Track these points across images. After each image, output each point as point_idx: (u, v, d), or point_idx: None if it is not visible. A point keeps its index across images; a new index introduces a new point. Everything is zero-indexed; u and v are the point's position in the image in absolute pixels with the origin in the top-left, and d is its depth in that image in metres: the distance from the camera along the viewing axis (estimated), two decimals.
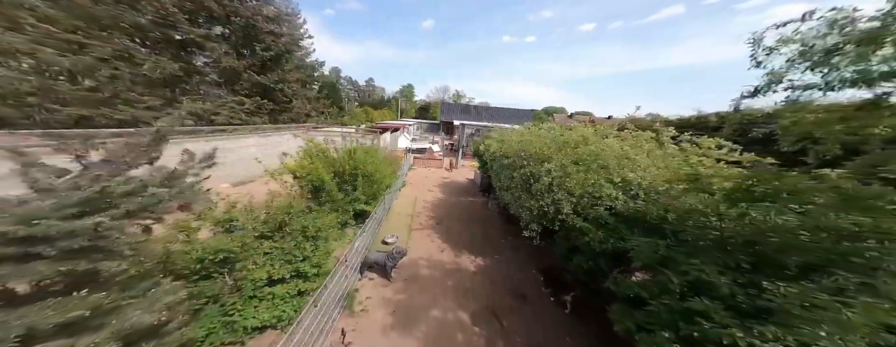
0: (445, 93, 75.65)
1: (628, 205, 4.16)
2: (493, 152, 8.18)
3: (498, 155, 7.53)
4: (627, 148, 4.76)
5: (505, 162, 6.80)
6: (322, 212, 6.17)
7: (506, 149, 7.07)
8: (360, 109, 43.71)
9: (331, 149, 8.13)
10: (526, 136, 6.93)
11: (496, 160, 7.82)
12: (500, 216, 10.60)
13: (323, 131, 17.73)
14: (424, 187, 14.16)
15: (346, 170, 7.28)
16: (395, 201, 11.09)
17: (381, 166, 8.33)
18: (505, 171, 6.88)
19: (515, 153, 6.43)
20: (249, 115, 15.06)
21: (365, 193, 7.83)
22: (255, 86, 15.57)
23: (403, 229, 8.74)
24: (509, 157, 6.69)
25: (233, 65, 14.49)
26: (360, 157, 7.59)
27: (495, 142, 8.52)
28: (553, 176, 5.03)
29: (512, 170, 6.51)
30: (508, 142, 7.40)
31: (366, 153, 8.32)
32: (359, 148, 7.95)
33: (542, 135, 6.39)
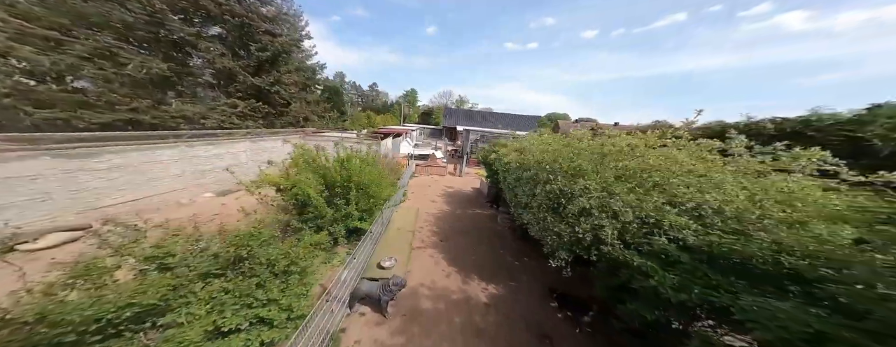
0: (448, 98, 75.17)
1: (706, 239, 3.07)
2: (506, 162, 7.12)
3: (513, 166, 6.47)
4: (693, 161, 3.69)
5: (524, 174, 5.74)
6: (303, 235, 5.14)
7: (525, 160, 6.01)
8: (362, 113, 43.01)
9: (322, 156, 7.14)
10: (552, 145, 5.86)
11: (511, 172, 6.76)
12: (512, 232, 9.49)
13: (321, 136, 16.81)
14: (427, 197, 13.11)
15: (337, 182, 6.26)
16: (395, 214, 10.04)
17: (379, 177, 7.30)
18: (524, 186, 5.81)
19: (538, 164, 5.37)
20: (242, 119, 14.14)
21: (359, 208, 6.79)
22: (250, 89, 14.71)
23: (403, 248, 7.66)
24: (530, 169, 5.63)
25: (227, 66, 13.65)
26: (355, 167, 6.57)
27: (511, 151, 7.47)
28: (592, 195, 3.96)
29: (533, 184, 5.45)
30: (529, 151, 6.34)
31: (362, 162, 7.33)
32: (353, 156, 6.93)
33: (574, 144, 5.31)
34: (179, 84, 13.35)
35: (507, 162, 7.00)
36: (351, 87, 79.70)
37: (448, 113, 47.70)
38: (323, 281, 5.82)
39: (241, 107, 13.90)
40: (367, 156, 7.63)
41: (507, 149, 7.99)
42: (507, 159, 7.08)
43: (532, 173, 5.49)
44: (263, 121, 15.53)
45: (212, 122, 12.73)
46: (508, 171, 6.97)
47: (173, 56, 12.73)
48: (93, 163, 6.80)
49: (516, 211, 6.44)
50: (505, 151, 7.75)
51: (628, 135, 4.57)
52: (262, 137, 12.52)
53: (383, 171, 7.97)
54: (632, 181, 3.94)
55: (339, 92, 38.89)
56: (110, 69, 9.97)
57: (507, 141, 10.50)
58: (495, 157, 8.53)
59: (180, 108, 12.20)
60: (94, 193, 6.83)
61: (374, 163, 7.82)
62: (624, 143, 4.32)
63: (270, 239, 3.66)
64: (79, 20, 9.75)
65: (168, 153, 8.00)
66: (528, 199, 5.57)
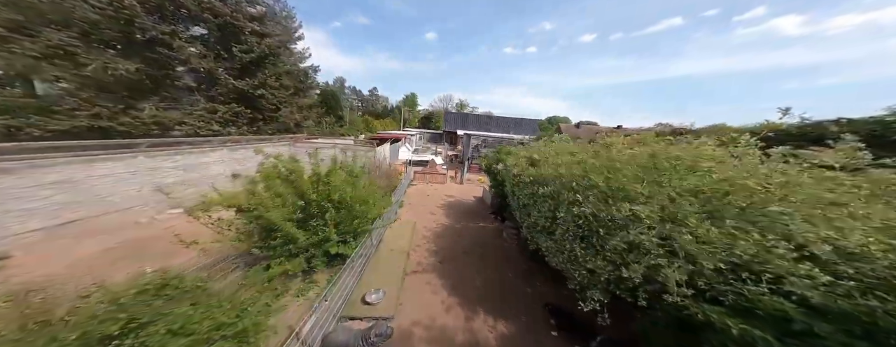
0: (449, 102, 74.52)
1: (839, 302, 1.93)
2: (516, 174, 5.98)
3: (525, 179, 5.33)
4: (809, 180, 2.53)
5: (540, 191, 4.60)
6: (270, 265, 4.02)
7: (542, 173, 4.87)
8: (360, 118, 42.08)
9: (310, 166, 6.01)
10: (579, 155, 4.70)
11: (522, 186, 5.62)
12: (521, 250, 8.32)
13: (313, 143, 15.77)
14: (425, 208, 11.96)
15: (313, 200, 5.12)
16: (389, 231, 8.89)
17: (367, 192, 6.17)
18: (540, 205, 4.68)
19: (559, 179, 4.24)
20: (224, 125, 13.09)
21: (341, 230, 5.66)
22: (232, 92, 13.68)
23: (395, 275, 6.49)
24: (548, 185, 4.49)
25: (208, 68, 12.63)
26: (338, 182, 5.44)
27: (521, 160, 6.32)
28: (645, 226, 2.83)
29: (553, 204, 4.32)
30: (545, 162, 5.20)
31: (349, 175, 6.21)
32: (336, 169, 5.80)
33: (607, 154, 4.14)
34: (158, 88, 12.33)
35: (517, 173, 5.85)
36: (351, 92, 79.29)
37: (448, 117, 46.84)
38: (292, 323, 4.67)
39: (222, 113, 12.84)
40: (353, 167, 6.50)
41: (516, 157, 6.83)
42: (516, 170, 5.93)
43: (551, 190, 4.35)
44: (250, 127, 14.49)
45: (188, 129, 11.68)
46: (518, 185, 5.83)
47: (149, 57, 11.71)
48: (13, 180, 5.61)
49: (531, 234, 5.27)
50: (513, 161, 6.59)
51: (693, 146, 3.42)
52: (244, 145, 11.45)
53: (374, 185, 6.83)
54: (705, 206, 2.80)
55: (336, 96, 38.03)
56: (71, 71, 8.96)
57: (513, 147, 9.37)
58: (502, 167, 7.37)
59: (154, 114, 11.16)
60: (16, 216, 5.68)
61: (362, 175, 6.69)
62: (688, 156, 3.17)
63: (182, 292, 2.52)
64: (37, 17, 8.80)
65: (122, 166, 6.93)
66: (548, 223, 4.43)
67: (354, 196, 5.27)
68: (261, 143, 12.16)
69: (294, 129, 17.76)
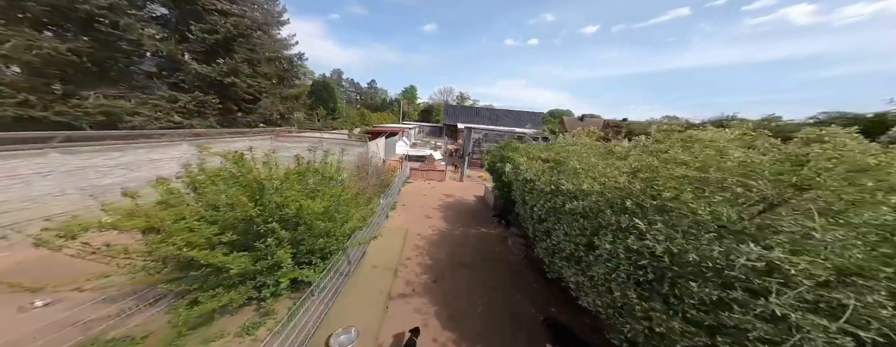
0: (449, 95, 72.62)
1: None
2: (528, 179, 4.62)
3: (544, 187, 4.00)
4: None
5: (569, 205, 3.28)
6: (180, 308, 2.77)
7: (569, 183, 3.53)
8: (355, 111, 40.52)
9: (271, 166, 4.66)
10: (632, 157, 3.29)
11: (538, 193, 4.29)
12: (530, 263, 7.07)
13: (297, 137, 14.40)
14: (421, 210, 10.68)
15: (254, 217, 3.79)
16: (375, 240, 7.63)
17: (340, 201, 4.84)
18: (567, 224, 3.38)
19: (602, 195, 2.92)
20: (187, 116, 11.66)
21: (306, 248, 4.38)
22: (196, 79, 12.19)
23: (376, 300, 5.23)
24: (579, 198, 3.18)
25: (167, 51, 11.11)
26: (293, 193, 4.07)
27: (535, 162, 4.96)
28: (802, 289, 1.51)
29: (588, 224, 3.01)
30: (573, 169, 3.85)
31: (324, 177, 4.88)
32: (293, 175, 4.46)
33: (681, 157, 2.75)
34: (106, 73, 10.73)
35: (531, 178, 4.50)
36: (349, 85, 77.31)
37: (448, 110, 45.30)
38: None
39: (185, 102, 11.39)
40: (327, 170, 5.12)
41: (528, 158, 5.46)
42: (529, 173, 4.57)
43: (586, 205, 3.03)
44: (223, 119, 13.07)
45: (142, 120, 10.27)
46: (531, 192, 4.49)
47: (94, 38, 10.03)
48: None
49: (550, 258, 3.98)
50: (525, 162, 5.21)
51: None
52: (214, 139, 10.05)
53: (351, 191, 5.49)
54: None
55: (330, 87, 36.40)
56: None
57: (519, 143, 8.00)
58: (510, 169, 5.98)
59: (99, 103, 9.73)
60: None
61: (337, 177, 5.35)
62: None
63: None
64: None
65: (28, 163, 5.56)
66: (582, 252, 3.12)
67: (316, 210, 3.95)
68: (233, 137, 10.81)
69: (279, 122, 16.37)
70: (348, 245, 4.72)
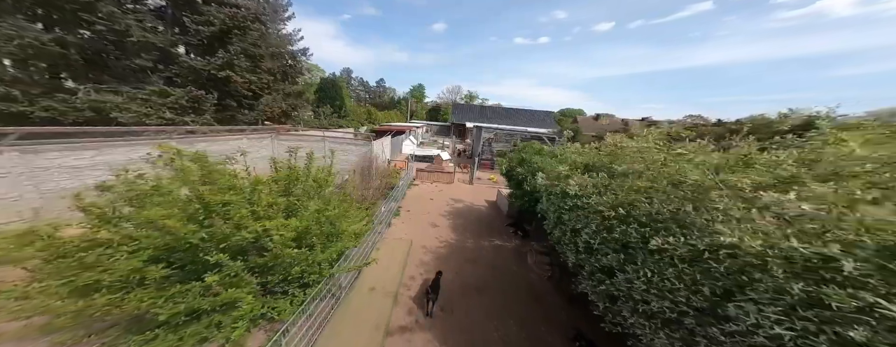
0: (457, 94, 71.57)
1: None
2: (576, 193, 3.52)
3: (603, 209, 2.96)
4: None
5: (660, 244, 2.24)
6: None
7: (693, 222, 2.48)
8: (362, 109, 39.83)
9: (241, 175, 3.73)
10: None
11: (586, 213, 3.23)
12: (555, 287, 6.04)
13: (299, 136, 13.62)
14: (427, 218, 9.72)
15: (206, 241, 2.86)
16: (376, 253, 6.71)
17: (326, 218, 3.87)
18: (656, 269, 2.32)
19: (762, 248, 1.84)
20: (181, 113, 10.89)
21: (278, 277, 3.45)
22: (192, 73, 11.42)
23: (369, 335, 4.29)
24: (713, 249, 2.12)
25: (159, 43, 10.32)
26: (260, 210, 3.10)
27: (576, 172, 3.88)
28: None
29: (698, 273, 1.96)
30: (670, 192, 2.76)
31: (315, 182, 3.95)
32: (267, 180, 3.53)
33: None
34: (97, 66, 10.02)
35: (578, 193, 3.41)
36: (358, 83, 77.11)
37: (457, 109, 44.31)
38: None
39: (177, 97, 10.62)
40: (308, 177, 4.15)
41: (567, 164, 4.35)
42: (574, 187, 3.45)
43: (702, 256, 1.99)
44: (221, 115, 12.33)
45: (131, 116, 9.55)
46: (574, 210, 3.44)
47: (86, 30, 9.32)
48: None
49: (614, 307, 2.93)
50: (567, 172, 4.04)
51: None
52: (208, 137, 9.23)
53: (340, 205, 4.51)
54: None
55: (337, 85, 35.75)
56: None
57: (550, 147, 6.92)
58: (543, 180, 4.82)
59: (89, 99, 9.06)
60: None
61: (327, 185, 4.40)
62: None
63: None
64: None
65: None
66: (690, 317, 2.08)
67: (286, 235, 2.98)
68: (230, 135, 10.03)
69: (282, 120, 15.64)
70: (335, 271, 3.78)
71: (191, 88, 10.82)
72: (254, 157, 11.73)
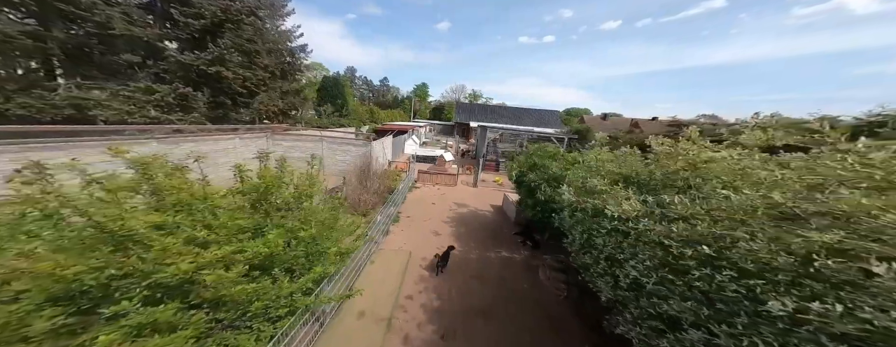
0: (461, 92, 70.85)
1: None
2: (624, 216, 2.70)
3: (653, 233, 2.21)
4: None
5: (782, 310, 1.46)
6: None
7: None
8: (364, 108, 39.25)
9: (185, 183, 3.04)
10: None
11: (630, 238, 2.49)
12: (573, 308, 5.31)
13: (297, 136, 13.02)
14: (428, 225, 9.03)
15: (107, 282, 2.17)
16: (369, 267, 6.04)
17: (300, 241, 3.14)
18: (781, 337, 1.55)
19: None
20: (167, 111, 10.28)
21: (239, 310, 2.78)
22: (181, 69, 10.81)
23: None
24: None
25: (144, 36, 9.70)
26: (169, 251, 2.32)
27: (613, 185, 3.06)
28: None
29: None
30: None
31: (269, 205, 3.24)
32: (225, 195, 2.83)
33: None
34: (82, 61, 9.43)
35: (630, 215, 2.59)
36: (362, 83, 76.84)
37: (461, 108, 43.55)
38: None
39: (163, 94, 10.01)
40: (297, 185, 3.42)
41: (604, 177, 3.47)
42: (616, 208, 2.61)
43: None
44: (212, 114, 11.73)
45: (112, 114, 8.95)
46: (611, 234, 2.70)
47: (63, 21, 8.71)
48: None
49: None
50: (596, 185, 3.18)
51: None
52: (196, 137, 8.60)
53: (321, 223, 3.78)
54: None
55: (339, 84, 35.19)
56: None
57: (558, 148, 6.16)
58: (569, 194, 3.86)
59: (70, 95, 8.50)
60: None
61: (308, 195, 3.68)
62: None
63: None
64: None
65: None
66: None
67: (228, 276, 2.25)
68: (221, 134, 9.38)
69: (279, 118, 15.05)
70: (312, 303, 3.10)
71: (177, 85, 10.23)
72: (249, 159, 11.21)
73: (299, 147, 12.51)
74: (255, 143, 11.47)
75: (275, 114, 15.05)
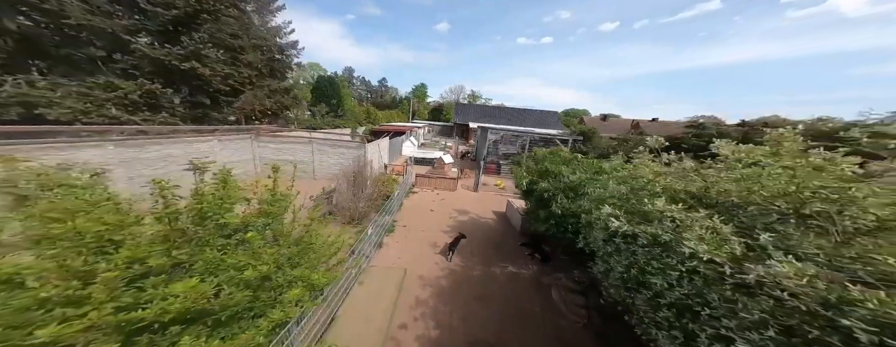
0: (460, 93, 70.18)
1: None
2: (701, 253, 1.82)
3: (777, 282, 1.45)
4: None
5: None
6: None
7: None
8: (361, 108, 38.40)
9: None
10: None
11: (719, 287, 1.73)
12: (594, 338, 4.56)
13: (284, 138, 12.21)
14: (426, 235, 8.26)
15: None
16: (358, 289, 5.26)
17: (243, 283, 2.38)
18: None
19: None
20: (131, 110, 9.28)
21: None
22: (151, 64, 9.86)
23: None
24: None
25: (105, 27, 8.64)
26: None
27: (702, 219, 2.08)
28: None
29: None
30: None
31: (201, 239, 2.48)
32: (141, 220, 2.06)
33: None
34: (35, 54, 8.40)
35: (695, 253, 1.76)
36: (360, 83, 75.98)
37: (460, 108, 42.90)
38: None
39: (127, 91, 9.04)
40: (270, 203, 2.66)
41: (661, 191, 2.53)
42: (706, 248, 1.70)
43: None
44: (189, 113, 10.79)
45: (64, 113, 7.92)
46: (690, 279, 1.93)
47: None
48: None
49: None
50: (654, 206, 2.26)
51: None
52: (165, 138, 7.62)
53: (267, 263, 3.02)
54: None
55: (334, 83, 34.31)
56: None
57: (565, 151, 5.43)
58: (621, 229, 2.74)
59: (18, 92, 7.56)
60: None
61: (271, 215, 2.91)
62: None
63: None
64: None
65: None
66: None
67: None
68: (197, 136, 8.46)
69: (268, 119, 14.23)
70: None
71: (143, 81, 9.26)
72: (232, 161, 10.26)
73: (287, 149, 11.70)
74: (236, 146, 10.63)
75: (263, 115, 14.19)
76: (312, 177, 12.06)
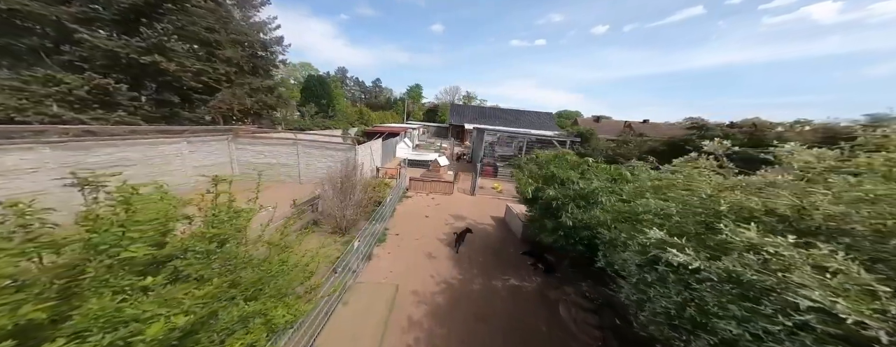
0: (455, 94, 69.70)
1: None
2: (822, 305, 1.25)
3: None
4: None
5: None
6: None
7: None
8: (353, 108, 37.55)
9: None
10: None
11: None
12: None
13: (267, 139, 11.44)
14: (420, 244, 7.63)
15: None
16: (344, 307, 4.61)
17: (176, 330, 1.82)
18: None
19: None
20: (78, 108, 8.21)
21: None
22: (106, 57, 8.90)
23: None
24: None
25: (48, 16, 7.60)
26: None
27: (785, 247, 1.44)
28: None
29: None
30: None
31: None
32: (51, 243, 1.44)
33: None
34: None
35: (831, 309, 1.18)
36: (354, 83, 74.96)
37: (455, 109, 42.38)
38: None
39: (71, 86, 7.96)
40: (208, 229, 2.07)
41: (726, 210, 1.86)
42: (836, 304, 1.13)
43: None
44: (155, 111, 9.85)
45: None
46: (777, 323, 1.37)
47: None
48: None
49: None
50: (741, 238, 1.56)
51: None
52: (119, 140, 6.63)
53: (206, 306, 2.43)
54: None
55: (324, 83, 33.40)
56: None
57: (566, 152, 4.89)
58: (686, 262, 1.99)
59: None
60: None
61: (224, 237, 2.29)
62: None
63: None
64: None
65: None
66: None
67: None
68: (159, 138, 7.49)
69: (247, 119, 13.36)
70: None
71: (90, 75, 8.21)
72: (205, 165, 9.31)
73: (270, 152, 10.94)
74: (210, 148, 9.80)
75: (244, 114, 13.33)
76: (298, 182, 11.34)
